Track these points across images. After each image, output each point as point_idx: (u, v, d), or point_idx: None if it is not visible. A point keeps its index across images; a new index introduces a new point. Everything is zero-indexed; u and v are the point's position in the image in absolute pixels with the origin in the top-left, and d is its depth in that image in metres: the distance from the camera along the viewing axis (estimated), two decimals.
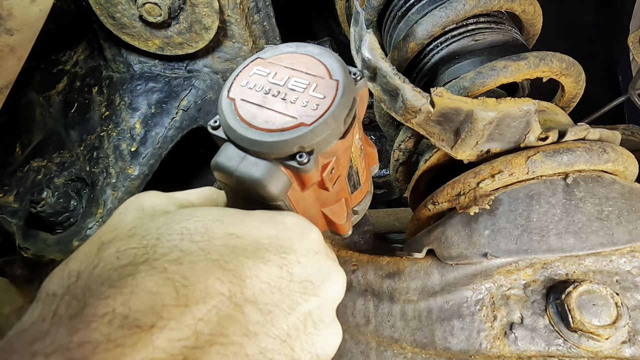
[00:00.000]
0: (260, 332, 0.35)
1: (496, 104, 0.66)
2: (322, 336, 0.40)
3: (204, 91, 1.09)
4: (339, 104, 0.41)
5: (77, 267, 0.34)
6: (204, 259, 0.35)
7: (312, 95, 0.42)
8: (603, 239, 0.67)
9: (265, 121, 0.41)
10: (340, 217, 0.51)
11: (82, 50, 1.19)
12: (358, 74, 0.45)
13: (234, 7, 1.01)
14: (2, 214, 1.05)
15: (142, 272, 0.32)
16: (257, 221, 0.40)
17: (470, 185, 0.72)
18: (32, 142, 1.14)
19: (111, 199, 0.99)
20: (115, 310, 0.30)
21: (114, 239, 0.36)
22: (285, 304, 0.37)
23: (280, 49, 0.47)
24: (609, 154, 0.70)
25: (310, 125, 0.40)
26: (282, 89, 0.43)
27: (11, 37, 0.72)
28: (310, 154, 0.40)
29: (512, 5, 0.84)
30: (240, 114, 0.42)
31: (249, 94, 0.44)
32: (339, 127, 0.41)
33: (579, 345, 0.63)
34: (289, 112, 0.41)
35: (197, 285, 0.33)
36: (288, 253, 0.39)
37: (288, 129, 0.40)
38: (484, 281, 0.70)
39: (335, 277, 0.42)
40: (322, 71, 0.44)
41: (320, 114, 0.41)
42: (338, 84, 0.42)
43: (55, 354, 0.27)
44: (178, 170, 1.23)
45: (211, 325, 0.32)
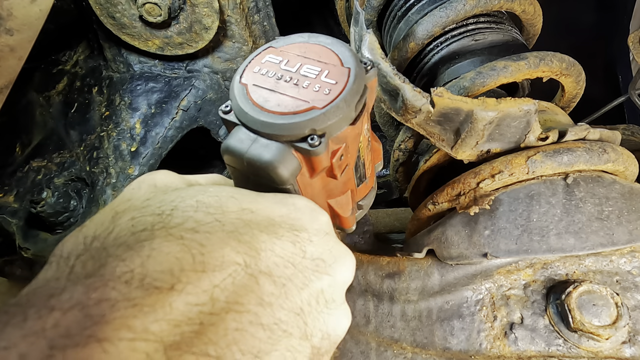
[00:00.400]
0: (275, 303, 0.35)
1: (496, 104, 0.66)
2: (333, 315, 0.40)
3: (204, 91, 1.09)
4: (350, 89, 0.42)
5: (92, 232, 0.34)
6: (220, 229, 0.35)
7: (324, 81, 0.43)
8: (603, 239, 0.67)
9: (278, 104, 0.42)
10: (346, 209, 0.51)
11: (82, 50, 1.19)
12: (369, 63, 0.45)
13: (234, 7, 1.01)
14: (2, 214, 1.05)
15: (159, 237, 0.32)
16: (270, 201, 0.41)
17: (470, 185, 0.72)
18: (32, 142, 1.14)
19: (111, 199, 0.99)
20: (134, 270, 0.30)
21: (128, 209, 0.36)
22: (298, 279, 0.37)
23: (292, 38, 0.47)
24: (609, 154, 0.70)
25: (323, 109, 0.41)
26: (295, 75, 0.44)
27: (11, 37, 0.72)
28: (321, 137, 0.41)
29: (512, 5, 0.84)
30: (253, 97, 0.43)
31: (261, 79, 0.44)
32: (350, 112, 0.42)
33: (579, 346, 0.63)
34: (301, 96, 0.42)
35: (213, 253, 0.33)
36: (300, 231, 0.40)
37: (300, 112, 0.41)
38: (484, 281, 0.70)
39: (345, 258, 0.43)
40: (334, 59, 0.44)
41: (333, 97, 0.41)
42: (350, 71, 0.43)
43: (73, 309, 0.27)
44: (178, 170, 1.23)
45: (227, 293, 0.32)
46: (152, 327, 0.28)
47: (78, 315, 0.27)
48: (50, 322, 0.26)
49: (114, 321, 0.27)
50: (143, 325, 0.28)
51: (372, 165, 0.55)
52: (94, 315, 0.27)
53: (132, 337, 0.27)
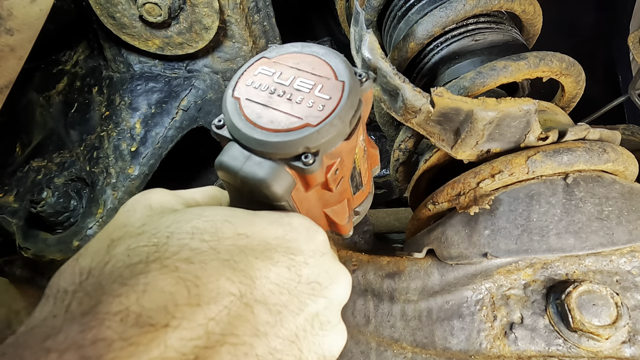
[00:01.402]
0: (270, 332, 0.35)
1: (496, 103, 0.66)
2: (328, 337, 0.40)
3: (204, 91, 1.09)
4: (344, 105, 0.41)
5: (87, 263, 0.34)
6: (215, 258, 0.35)
7: (318, 96, 0.42)
8: (603, 239, 0.67)
9: (271, 121, 0.41)
10: (342, 217, 0.51)
11: (82, 50, 1.19)
12: (364, 75, 0.45)
13: (234, 7, 1.01)
14: (2, 214, 1.05)
15: (154, 270, 0.32)
16: (265, 222, 0.40)
17: (470, 185, 0.72)
18: (32, 142, 1.14)
19: (111, 199, 0.99)
20: (129, 308, 0.30)
21: (123, 236, 0.36)
22: (293, 305, 0.37)
23: (285, 48, 0.47)
24: (609, 154, 0.70)
25: (316, 126, 0.40)
26: (288, 89, 0.43)
27: (11, 37, 0.72)
28: (315, 155, 0.40)
29: (512, 5, 0.84)
30: (246, 113, 0.42)
31: (254, 93, 0.43)
32: (344, 128, 0.41)
33: (579, 345, 0.63)
34: (294, 112, 0.41)
35: (208, 285, 0.33)
36: (296, 254, 0.39)
37: (294, 130, 0.40)
38: (484, 281, 0.70)
39: (341, 278, 0.43)
40: (327, 72, 0.44)
41: (326, 114, 0.41)
42: (344, 85, 0.42)
43: (68, 351, 0.27)
44: (178, 170, 1.23)
45: (222, 325, 0.32)
46: None
47: (74, 357, 0.27)
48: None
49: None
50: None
51: (368, 172, 0.55)
52: (90, 356, 0.27)
53: None
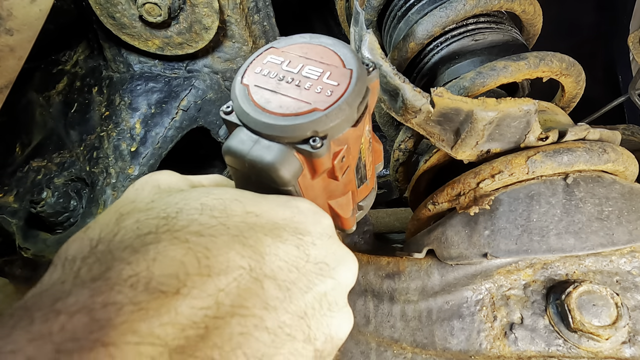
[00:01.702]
0: (279, 307, 0.35)
1: (496, 104, 0.66)
2: (335, 318, 0.40)
3: (204, 91, 1.09)
4: (352, 91, 0.42)
5: (96, 234, 0.34)
6: (224, 233, 0.35)
7: (326, 83, 0.42)
8: (603, 239, 0.67)
9: (280, 106, 0.41)
10: (346, 210, 0.51)
11: (82, 50, 1.19)
12: (371, 64, 0.45)
13: (234, 7, 1.01)
14: (2, 214, 1.05)
15: (164, 240, 0.33)
16: (273, 204, 0.41)
17: (470, 185, 0.72)
18: (32, 142, 1.14)
19: (111, 199, 0.99)
20: (139, 274, 0.30)
21: (132, 211, 0.36)
22: (302, 283, 0.37)
23: (293, 39, 0.47)
24: (609, 154, 0.70)
25: (325, 110, 0.40)
26: (296, 76, 0.44)
27: (11, 37, 0.72)
28: (323, 139, 0.41)
29: (512, 5, 0.84)
30: (254, 98, 0.43)
31: (262, 80, 0.44)
32: (352, 113, 0.42)
33: (579, 346, 0.63)
34: (303, 97, 0.42)
35: (218, 257, 0.33)
36: (304, 235, 0.40)
37: (302, 114, 0.41)
38: (484, 281, 0.70)
39: (348, 261, 0.43)
40: (335, 60, 0.44)
41: (335, 99, 0.41)
42: (352, 72, 0.43)
43: (79, 313, 0.27)
44: (178, 170, 1.23)
45: (232, 297, 0.33)
46: (157, 331, 0.28)
47: (84, 319, 0.27)
48: (56, 326, 0.26)
49: (120, 325, 0.27)
50: (149, 329, 0.28)
51: (372, 166, 0.55)
52: (100, 319, 0.27)
53: (138, 341, 0.27)
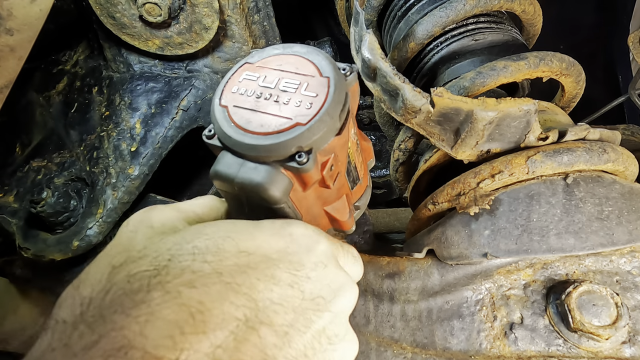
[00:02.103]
0: (279, 355, 0.34)
1: (496, 104, 0.66)
2: (338, 350, 0.40)
3: (204, 91, 1.09)
4: (332, 101, 0.41)
5: (88, 292, 0.34)
6: (217, 281, 0.35)
7: (305, 95, 0.42)
8: (603, 239, 0.67)
9: (261, 125, 0.41)
10: (343, 213, 0.51)
11: (82, 50, 1.19)
12: (347, 69, 0.45)
13: (234, 7, 1.01)
14: (2, 214, 1.05)
15: (156, 298, 0.32)
16: (266, 234, 0.40)
17: (470, 185, 0.72)
18: (32, 142, 1.14)
19: (111, 199, 0.99)
20: (132, 342, 0.30)
21: (124, 262, 0.36)
22: (299, 323, 0.37)
23: (267, 51, 0.47)
24: (609, 154, 0.70)
25: (306, 125, 0.40)
26: (274, 92, 0.43)
27: (11, 37, 0.72)
28: (309, 153, 0.40)
29: (512, 5, 0.84)
30: (235, 120, 0.42)
31: (241, 99, 0.43)
32: (334, 123, 0.42)
33: (579, 346, 0.63)
34: (283, 113, 0.41)
35: (213, 310, 0.33)
36: (298, 269, 0.39)
37: (284, 130, 0.40)
38: (484, 281, 0.70)
39: (345, 289, 0.42)
40: (311, 70, 0.44)
41: (315, 112, 0.41)
42: (329, 80, 0.42)
43: None
44: (178, 170, 1.23)
45: (229, 352, 0.32)
46: None
47: None
48: None
49: None
50: None
51: (364, 166, 0.55)
52: None
53: None
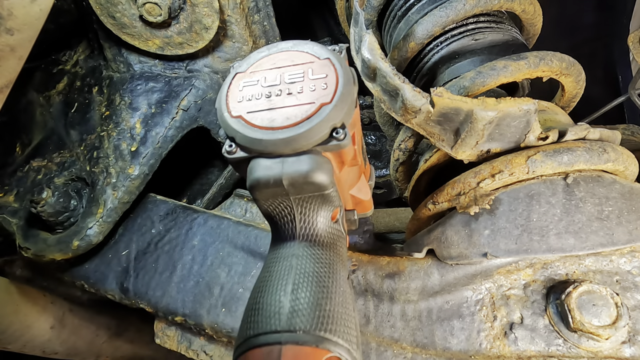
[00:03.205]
0: None
1: (496, 103, 0.66)
2: None
3: (204, 91, 1.09)
4: (344, 74, 0.42)
5: None
6: None
7: (315, 79, 0.43)
8: (603, 239, 0.67)
9: (287, 118, 0.41)
10: (365, 192, 0.53)
11: (82, 50, 1.19)
12: (337, 48, 0.46)
13: (234, 7, 1.01)
14: (2, 213, 1.05)
15: None
16: None
17: (470, 185, 0.72)
18: (32, 142, 1.14)
19: (111, 198, 0.99)
20: None
21: None
22: None
23: (252, 57, 0.47)
24: (609, 154, 0.70)
25: (332, 102, 0.41)
26: (282, 86, 0.43)
27: (11, 37, 0.72)
28: (343, 128, 0.41)
29: (512, 5, 0.84)
30: (257, 124, 0.42)
31: (251, 105, 0.43)
32: (352, 95, 0.43)
33: (579, 346, 0.63)
34: (303, 100, 0.42)
35: None
36: None
37: (313, 114, 0.41)
38: (484, 281, 0.70)
39: None
40: (308, 57, 0.44)
41: (334, 89, 0.42)
42: (330, 60, 0.43)
43: None
44: (178, 170, 1.23)
45: None
46: None
47: None
48: None
49: None
50: None
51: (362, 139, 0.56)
52: None
53: None
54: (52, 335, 1.19)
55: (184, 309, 0.84)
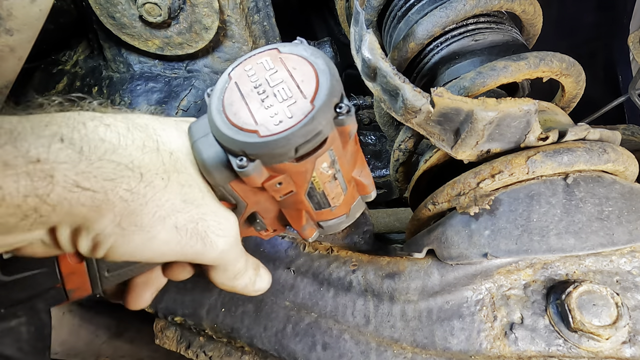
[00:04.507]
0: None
1: (496, 104, 0.66)
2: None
3: (204, 91, 1.09)
4: (300, 129, 0.41)
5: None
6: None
7: (284, 110, 0.42)
8: (603, 239, 0.67)
9: (234, 113, 0.43)
10: (296, 223, 0.54)
11: (82, 50, 1.19)
12: (345, 108, 0.42)
13: (234, 7, 1.01)
14: None
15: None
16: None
17: (470, 185, 0.72)
18: None
19: None
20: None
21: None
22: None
23: (298, 48, 0.46)
24: (609, 154, 0.70)
25: (262, 138, 0.41)
26: (269, 90, 0.44)
27: (11, 37, 0.72)
28: (252, 161, 0.41)
29: (512, 5, 0.84)
30: (225, 96, 0.45)
31: (245, 80, 0.45)
32: (288, 151, 0.41)
33: (579, 346, 0.63)
34: (256, 115, 0.42)
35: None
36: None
37: (243, 130, 0.42)
38: (484, 281, 0.70)
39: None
40: (310, 89, 0.43)
41: (277, 132, 0.41)
42: (312, 111, 0.41)
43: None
44: None
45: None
46: None
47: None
48: None
49: None
50: None
51: (346, 197, 0.54)
52: None
53: None
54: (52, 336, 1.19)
55: (184, 309, 0.84)
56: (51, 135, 0.37)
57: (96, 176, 0.39)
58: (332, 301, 0.74)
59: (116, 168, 0.40)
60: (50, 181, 0.36)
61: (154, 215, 0.42)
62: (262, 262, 0.58)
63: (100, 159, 0.39)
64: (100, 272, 0.50)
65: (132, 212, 0.41)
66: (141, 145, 0.42)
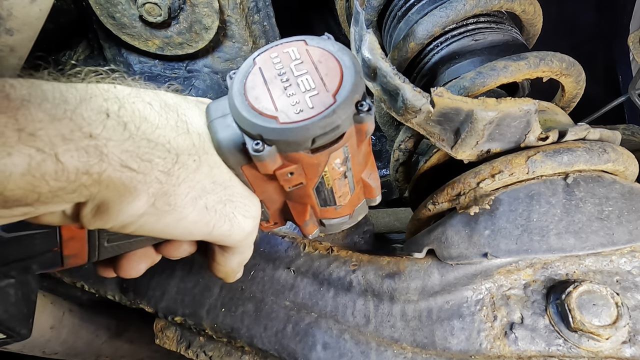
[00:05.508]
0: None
1: (496, 103, 0.66)
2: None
3: (204, 91, 1.09)
4: (318, 120, 0.41)
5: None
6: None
7: (305, 100, 0.42)
8: (603, 239, 0.67)
9: (256, 97, 0.43)
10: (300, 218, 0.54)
11: (82, 50, 1.19)
12: (366, 106, 0.43)
13: (234, 7, 1.01)
14: None
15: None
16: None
17: (470, 185, 0.72)
18: None
19: None
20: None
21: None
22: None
23: (325, 43, 0.46)
24: (609, 154, 0.70)
25: (280, 125, 0.41)
26: (292, 79, 0.44)
27: (11, 37, 0.72)
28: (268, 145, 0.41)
29: (512, 5, 0.84)
30: (247, 79, 0.44)
31: (269, 66, 0.45)
32: (305, 142, 0.42)
33: (579, 345, 0.63)
34: (276, 101, 0.42)
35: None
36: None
37: (262, 115, 0.42)
38: (484, 281, 0.70)
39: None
40: (333, 83, 0.43)
41: (296, 120, 0.41)
42: (333, 104, 0.41)
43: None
44: None
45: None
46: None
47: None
48: None
49: None
50: None
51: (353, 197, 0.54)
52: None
53: None
54: (52, 336, 1.19)
55: (184, 309, 0.84)
56: (98, 110, 0.36)
57: (139, 156, 0.37)
58: (332, 301, 0.74)
59: (154, 148, 0.39)
60: (101, 158, 0.35)
61: (187, 196, 0.42)
62: (262, 262, 0.58)
63: (142, 138, 0.38)
64: (100, 240, 0.49)
65: (165, 192, 0.40)
66: (174, 126, 0.41)
